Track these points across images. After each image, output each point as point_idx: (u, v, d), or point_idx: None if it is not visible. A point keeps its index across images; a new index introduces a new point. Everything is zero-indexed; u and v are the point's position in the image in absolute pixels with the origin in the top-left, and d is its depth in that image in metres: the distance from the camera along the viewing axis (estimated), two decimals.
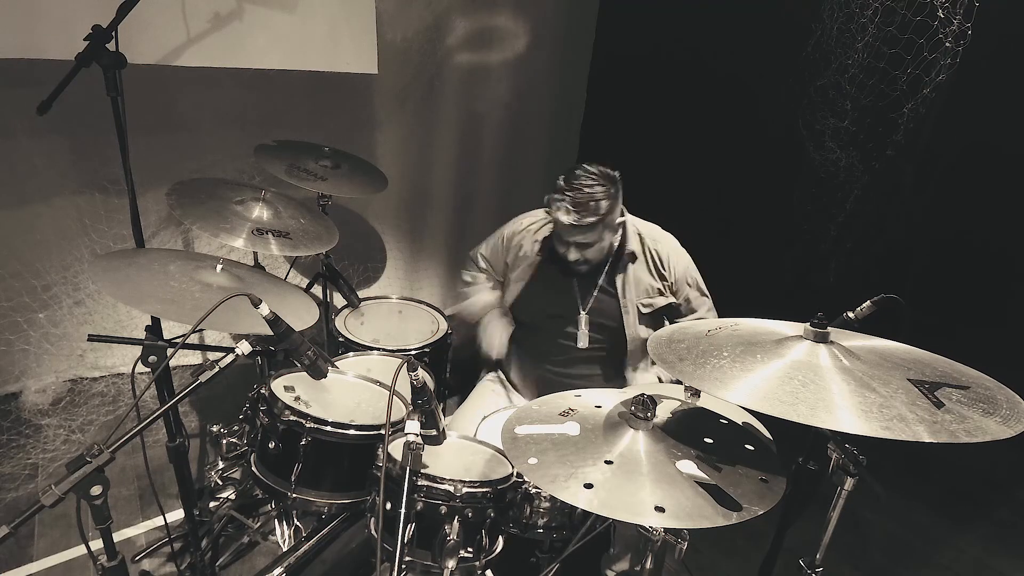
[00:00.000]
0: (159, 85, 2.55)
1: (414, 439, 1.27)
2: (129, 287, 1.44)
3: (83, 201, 2.62)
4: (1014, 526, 2.54)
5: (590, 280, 2.01)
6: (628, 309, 2.00)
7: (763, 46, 2.82)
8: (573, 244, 1.89)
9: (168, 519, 2.21)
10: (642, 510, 1.09)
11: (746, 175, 3.14)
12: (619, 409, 1.35)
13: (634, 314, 1.99)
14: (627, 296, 1.99)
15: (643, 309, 2.00)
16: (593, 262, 1.95)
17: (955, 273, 2.51)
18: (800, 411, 1.01)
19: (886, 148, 2.47)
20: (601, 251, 1.93)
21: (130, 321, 2.89)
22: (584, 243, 1.88)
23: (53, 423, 2.63)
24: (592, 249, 1.90)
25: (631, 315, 2.00)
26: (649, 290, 2.01)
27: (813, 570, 1.30)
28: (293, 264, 2.93)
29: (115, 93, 1.62)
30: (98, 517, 1.08)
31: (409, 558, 1.46)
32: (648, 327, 2.02)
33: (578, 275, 2.01)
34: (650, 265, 2.01)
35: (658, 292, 2.01)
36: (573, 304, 2.02)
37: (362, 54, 2.73)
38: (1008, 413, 1.02)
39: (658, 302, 2.01)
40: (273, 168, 2.28)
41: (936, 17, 2.18)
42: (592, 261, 1.94)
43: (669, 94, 3.29)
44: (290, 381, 1.80)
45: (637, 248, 2.00)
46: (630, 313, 2.00)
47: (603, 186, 1.82)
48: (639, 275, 2.00)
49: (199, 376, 1.19)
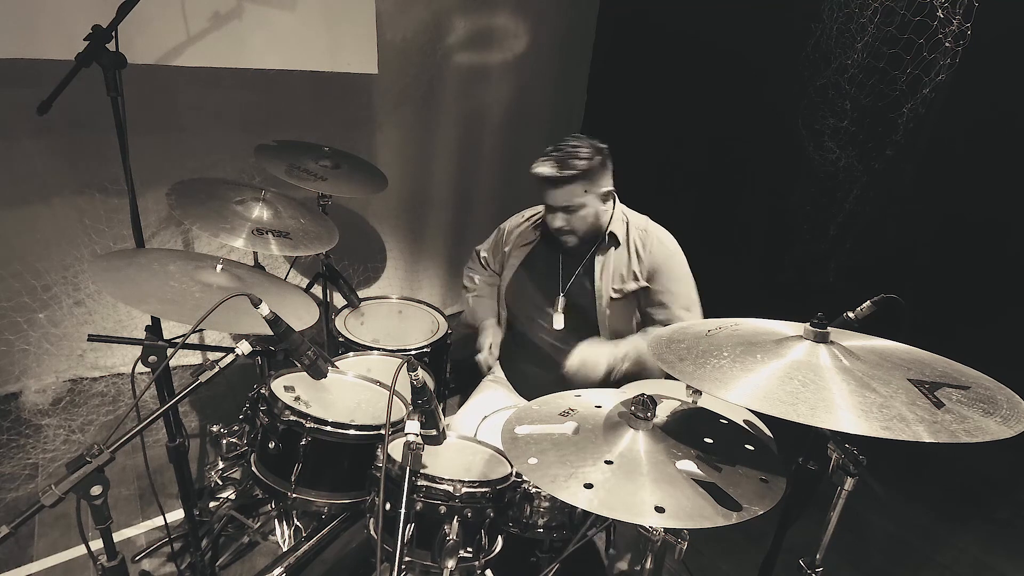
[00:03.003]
0: (159, 85, 2.55)
1: (414, 439, 1.27)
2: (129, 287, 1.44)
3: (83, 201, 2.62)
4: (1014, 526, 2.54)
5: (574, 262, 2.03)
6: (601, 293, 2.00)
7: (763, 46, 2.82)
8: (559, 209, 1.90)
9: (168, 519, 2.21)
10: (642, 510, 1.08)
11: (746, 175, 3.14)
12: (619, 409, 1.35)
13: (606, 298, 2.00)
14: (603, 280, 2.00)
15: (614, 294, 1.99)
16: (579, 233, 1.95)
17: (955, 273, 2.51)
18: (800, 411, 1.01)
19: (886, 148, 2.47)
20: (586, 221, 1.93)
21: (130, 321, 2.89)
22: (566, 206, 1.88)
23: (53, 423, 2.63)
24: (577, 217, 1.90)
25: (603, 299, 2.00)
26: (624, 275, 2.00)
27: (813, 570, 1.30)
28: (293, 264, 2.93)
29: (115, 93, 1.62)
30: (98, 517, 1.08)
31: (409, 558, 1.46)
32: (619, 313, 2.01)
33: (565, 256, 2.03)
34: (631, 251, 2.00)
35: (633, 277, 2.00)
36: (555, 286, 2.05)
37: (362, 54, 2.73)
38: (1008, 413, 1.02)
39: (629, 286, 1.99)
40: (273, 168, 2.28)
41: (936, 17, 2.18)
42: (578, 232, 1.94)
43: (669, 94, 3.29)
44: (290, 381, 1.80)
45: (621, 233, 2.00)
46: (602, 297, 2.00)
47: (586, 148, 1.85)
48: (618, 260, 2.00)
49: (199, 376, 1.19)
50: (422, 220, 3.56)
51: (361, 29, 2.69)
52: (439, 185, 3.52)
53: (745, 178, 3.15)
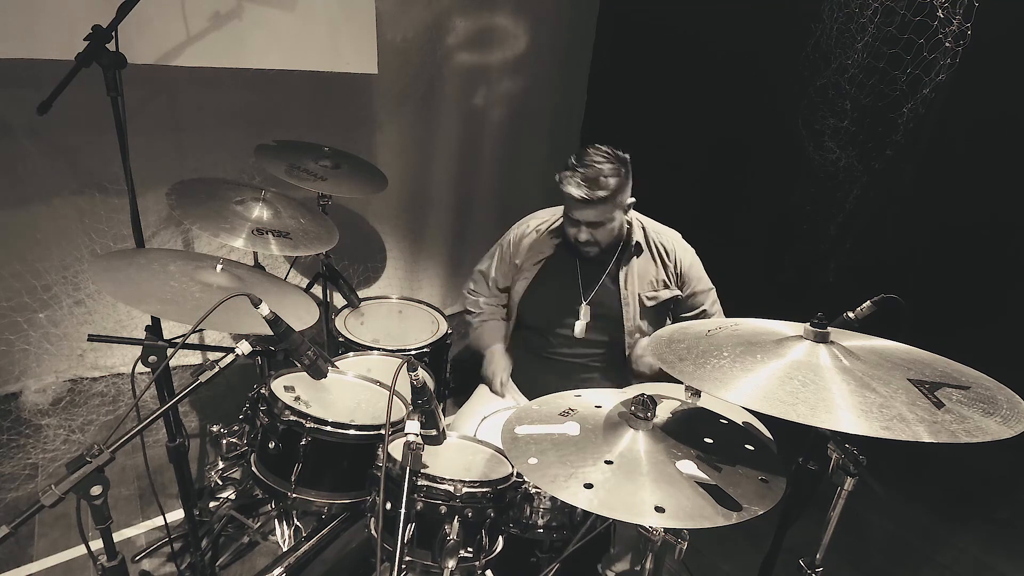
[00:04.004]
0: (159, 85, 2.55)
1: (414, 439, 1.27)
2: (129, 287, 1.44)
3: (83, 201, 2.62)
4: (1014, 526, 2.54)
5: (595, 271, 2.01)
6: (628, 301, 1.99)
7: (763, 46, 2.82)
8: (584, 224, 1.89)
9: (168, 519, 2.21)
10: (642, 510, 1.08)
11: (746, 175, 3.14)
12: (619, 409, 1.35)
13: (635, 306, 1.99)
14: (628, 288, 1.99)
15: (647, 302, 1.99)
16: (603, 244, 1.94)
17: (955, 273, 2.51)
18: (800, 411, 1.01)
19: (886, 148, 2.47)
20: (611, 233, 1.92)
21: (130, 321, 2.89)
22: (595, 222, 1.88)
23: (53, 423, 2.63)
24: (602, 230, 1.90)
25: (631, 307, 1.99)
26: (654, 282, 2.00)
27: (813, 570, 1.30)
28: (293, 264, 2.93)
29: (115, 93, 1.62)
30: (98, 517, 1.08)
31: (409, 558, 1.46)
32: (651, 321, 2.02)
33: (584, 265, 2.01)
34: (655, 257, 2.01)
35: (663, 284, 2.01)
36: (577, 295, 2.03)
37: (362, 54, 2.73)
38: (1008, 413, 1.02)
39: (663, 295, 2.00)
40: (273, 168, 2.28)
41: (936, 17, 2.18)
42: (602, 244, 1.94)
43: (669, 94, 3.29)
44: (290, 381, 1.80)
45: (642, 240, 2.01)
46: (630, 305, 1.99)
47: (613, 164, 1.84)
48: (644, 267, 2.00)
49: (199, 376, 1.19)
50: (422, 220, 3.56)
51: (361, 29, 2.69)
52: (439, 185, 3.52)
53: (745, 178, 3.15)
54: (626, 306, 1.99)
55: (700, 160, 3.30)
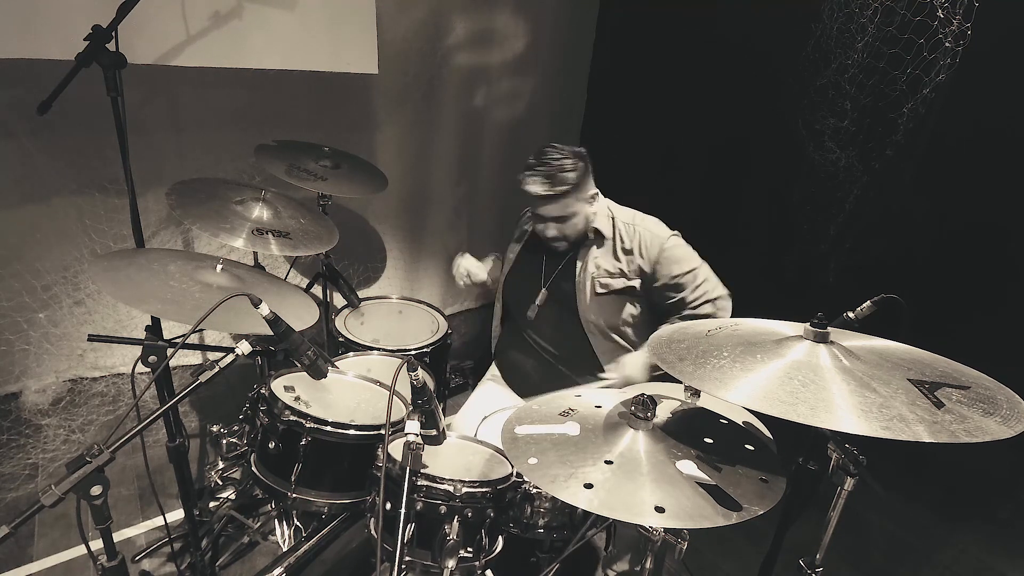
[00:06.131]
0: (159, 85, 2.55)
1: (414, 439, 1.27)
2: (129, 287, 1.44)
3: (83, 201, 2.62)
4: (1014, 526, 2.54)
5: (556, 258, 2.09)
6: (583, 287, 2.02)
7: (763, 46, 2.82)
8: (551, 220, 1.96)
9: (168, 519, 2.21)
10: (642, 510, 1.08)
11: (746, 175, 3.14)
12: (619, 409, 1.35)
13: (589, 293, 2.02)
14: (584, 274, 2.02)
15: (599, 288, 2.01)
16: (571, 238, 2.02)
17: (955, 272, 2.51)
18: (800, 411, 1.01)
19: (886, 148, 2.47)
20: (576, 227, 1.99)
21: (130, 321, 2.89)
22: (559, 216, 1.95)
23: (53, 423, 2.63)
24: (569, 224, 1.97)
25: (585, 294, 2.02)
26: (611, 271, 2.01)
27: (813, 570, 1.30)
28: (293, 264, 2.93)
29: (115, 93, 1.62)
30: (98, 517, 1.08)
31: (409, 558, 1.46)
32: (602, 309, 2.02)
33: (550, 252, 2.08)
34: (616, 247, 2.02)
35: (620, 273, 2.00)
36: (540, 280, 2.11)
37: (362, 54, 2.73)
38: (1008, 413, 1.02)
39: (615, 283, 2.00)
40: (273, 168, 2.28)
41: (936, 17, 2.18)
42: (570, 238, 2.01)
43: (669, 94, 3.29)
44: (290, 381, 1.80)
45: (607, 229, 2.02)
46: (585, 292, 2.02)
47: (571, 159, 1.90)
48: (602, 255, 2.02)
49: (199, 376, 1.19)
50: (422, 220, 3.56)
51: (361, 29, 2.69)
52: (439, 185, 3.52)
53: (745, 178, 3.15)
54: (580, 292, 2.03)
55: (700, 160, 3.30)
